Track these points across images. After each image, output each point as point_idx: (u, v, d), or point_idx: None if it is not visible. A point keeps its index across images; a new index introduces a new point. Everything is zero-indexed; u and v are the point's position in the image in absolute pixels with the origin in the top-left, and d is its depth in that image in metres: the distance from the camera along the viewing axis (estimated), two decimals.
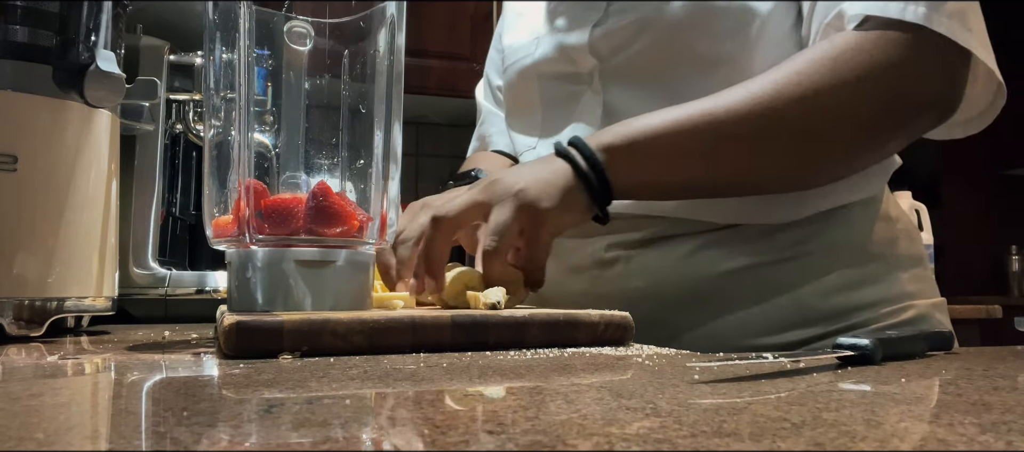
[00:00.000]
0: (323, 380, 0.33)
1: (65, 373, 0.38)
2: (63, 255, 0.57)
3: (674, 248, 0.69)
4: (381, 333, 0.45)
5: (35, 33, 0.57)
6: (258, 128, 0.60)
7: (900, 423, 0.24)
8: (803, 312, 0.65)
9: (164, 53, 0.86)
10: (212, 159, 0.56)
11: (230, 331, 0.42)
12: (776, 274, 0.66)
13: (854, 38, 0.58)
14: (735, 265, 0.67)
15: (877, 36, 0.58)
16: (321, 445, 0.21)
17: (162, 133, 0.86)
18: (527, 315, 0.48)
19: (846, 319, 0.65)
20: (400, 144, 0.58)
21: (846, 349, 0.40)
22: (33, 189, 0.55)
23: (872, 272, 0.66)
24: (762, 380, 0.33)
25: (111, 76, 0.57)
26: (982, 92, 0.64)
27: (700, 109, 0.59)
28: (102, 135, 0.61)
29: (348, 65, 0.60)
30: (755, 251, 0.66)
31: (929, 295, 0.69)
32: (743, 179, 0.62)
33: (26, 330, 0.55)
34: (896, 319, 0.65)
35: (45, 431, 0.23)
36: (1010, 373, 0.36)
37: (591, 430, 0.23)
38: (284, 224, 0.52)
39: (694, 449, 0.20)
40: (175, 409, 0.27)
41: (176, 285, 0.83)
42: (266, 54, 0.60)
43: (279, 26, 0.59)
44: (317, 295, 0.52)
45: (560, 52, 0.75)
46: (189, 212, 0.97)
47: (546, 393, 0.30)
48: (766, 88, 0.58)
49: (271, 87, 0.62)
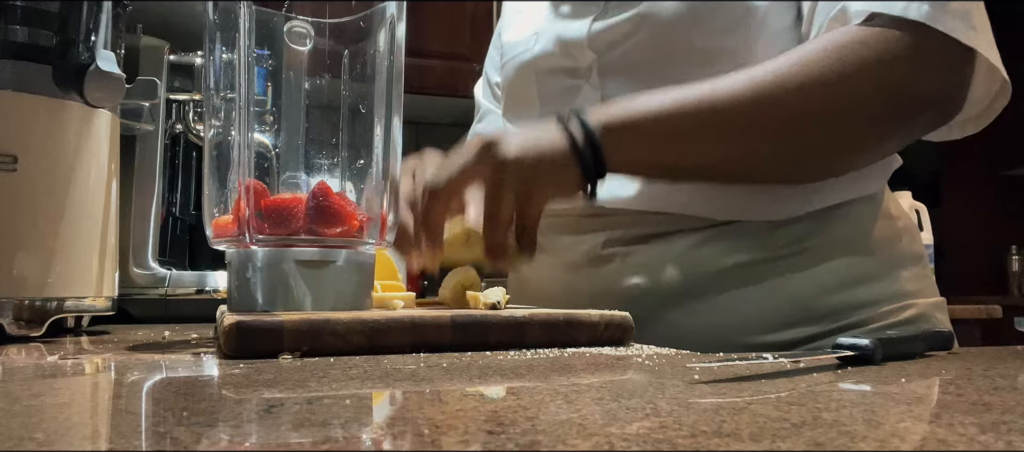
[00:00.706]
0: (323, 380, 0.33)
1: (65, 373, 0.38)
2: (63, 255, 0.57)
3: (671, 244, 0.69)
4: (381, 333, 0.45)
5: (35, 33, 0.57)
6: (258, 128, 0.60)
7: (900, 423, 0.24)
8: (802, 310, 0.65)
9: (164, 53, 0.86)
10: (212, 159, 0.56)
11: (230, 331, 0.42)
12: (775, 271, 0.66)
13: (858, 32, 0.58)
14: (733, 262, 0.66)
15: (880, 32, 0.58)
16: (321, 445, 0.21)
17: (162, 133, 0.86)
18: (527, 315, 0.48)
19: (845, 317, 0.65)
20: (400, 144, 0.58)
21: (846, 349, 0.40)
22: (33, 189, 0.55)
23: (873, 270, 0.66)
24: (762, 380, 0.33)
25: (111, 76, 0.57)
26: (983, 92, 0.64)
27: (700, 92, 0.59)
28: (102, 135, 0.61)
29: (348, 65, 0.60)
30: (753, 248, 0.66)
31: (929, 294, 0.69)
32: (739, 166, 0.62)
33: (26, 330, 0.55)
34: (896, 318, 0.65)
35: (45, 431, 0.23)
36: (1010, 373, 0.36)
37: (591, 430, 0.23)
38: (284, 224, 0.52)
39: (694, 449, 0.20)
40: (175, 409, 0.27)
41: (176, 285, 0.83)
42: (266, 54, 0.60)
43: (279, 26, 0.59)
44: (317, 295, 0.52)
45: (559, 46, 0.75)
46: (189, 212, 0.97)
47: (546, 393, 0.30)
48: (767, 76, 0.58)
49: (271, 87, 0.62)
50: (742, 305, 0.66)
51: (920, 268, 0.69)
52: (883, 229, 0.68)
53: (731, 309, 0.66)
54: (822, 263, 0.66)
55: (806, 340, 0.64)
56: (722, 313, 0.66)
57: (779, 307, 0.65)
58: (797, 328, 0.64)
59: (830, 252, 0.66)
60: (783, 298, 0.65)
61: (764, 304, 0.65)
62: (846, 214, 0.67)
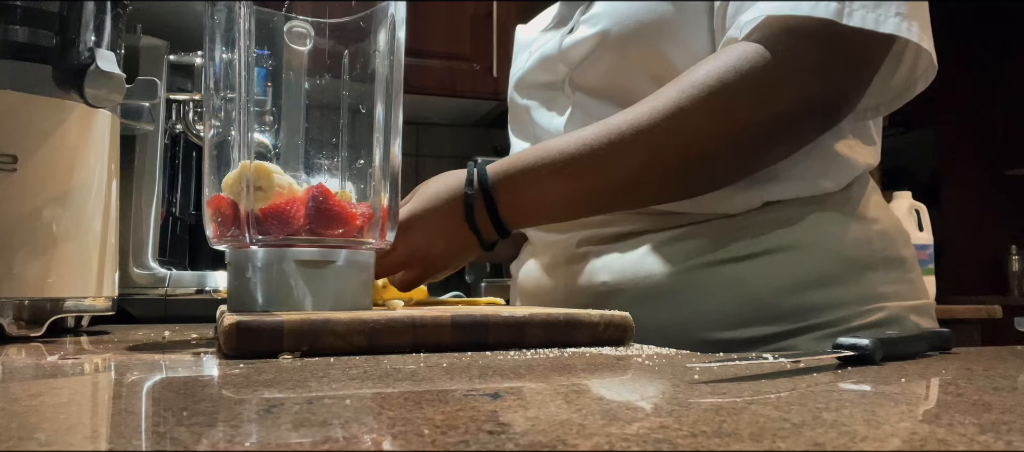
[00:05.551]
0: (323, 380, 0.33)
1: (65, 373, 0.38)
2: (63, 255, 0.57)
3: (639, 244, 0.71)
4: (381, 333, 0.45)
5: (35, 33, 0.57)
6: (258, 128, 0.60)
7: (900, 423, 0.24)
8: (761, 309, 0.65)
9: (164, 53, 0.86)
10: (212, 159, 0.56)
11: (230, 331, 0.42)
12: (735, 271, 0.66)
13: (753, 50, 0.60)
14: (694, 262, 0.68)
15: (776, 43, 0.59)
16: (321, 445, 0.21)
17: (162, 133, 0.86)
18: (527, 315, 0.48)
19: (807, 318, 0.65)
20: (400, 144, 0.58)
21: (846, 349, 0.40)
22: (33, 189, 0.55)
23: (839, 272, 0.66)
24: (762, 380, 0.33)
25: (111, 76, 0.57)
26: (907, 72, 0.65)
27: (578, 142, 0.64)
28: (102, 135, 0.61)
29: (348, 65, 0.60)
30: (716, 248, 0.67)
31: (907, 297, 0.68)
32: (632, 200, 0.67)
33: (26, 330, 0.55)
34: (864, 320, 0.65)
35: (45, 431, 0.23)
36: (1010, 373, 0.36)
37: (591, 430, 0.23)
38: (283, 226, 0.52)
39: (694, 449, 0.20)
40: (175, 409, 0.27)
41: (176, 285, 0.83)
42: (266, 54, 0.60)
43: (279, 26, 0.59)
44: (317, 295, 0.52)
45: (540, 63, 0.80)
46: (189, 212, 0.97)
47: (546, 393, 0.30)
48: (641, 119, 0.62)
49: (271, 87, 0.62)
50: (702, 303, 0.66)
51: (899, 271, 0.69)
52: (855, 232, 0.67)
53: (691, 307, 0.67)
54: (783, 264, 0.66)
55: (765, 339, 0.64)
56: (682, 311, 0.67)
57: (738, 306, 0.65)
58: (755, 327, 0.65)
59: (794, 254, 0.66)
60: (742, 297, 0.65)
61: (723, 302, 0.66)
62: (814, 217, 0.67)
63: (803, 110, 0.61)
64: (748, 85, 0.59)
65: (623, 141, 0.62)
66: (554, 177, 0.64)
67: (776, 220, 0.67)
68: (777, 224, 0.67)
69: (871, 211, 0.70)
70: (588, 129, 0.64)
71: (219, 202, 0.54)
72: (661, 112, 0.61)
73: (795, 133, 0.63)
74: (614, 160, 0.62)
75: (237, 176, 0.53)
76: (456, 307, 0.59)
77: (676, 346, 0.51)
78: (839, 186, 0.68)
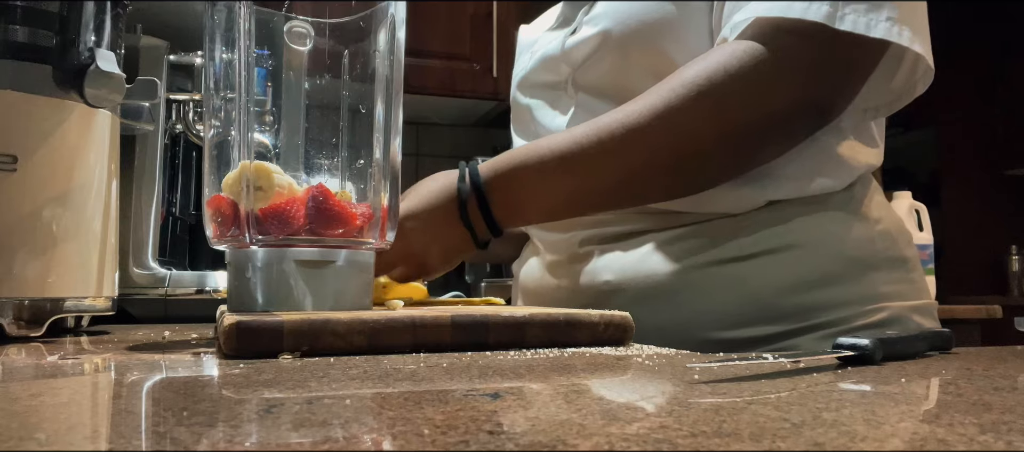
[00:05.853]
0: (323, 380, 0.34)
1: (65, 373, 0.38)
2: (63, 255, 0.57)
3: (641, 243, 0.71)
4: (381, 333, 0.45)
5: (35, 33, 0.57)
6: (258, 128, 0.60)
7: (900, 423, 0.24)
8: (762, 309, 0.65)
9: (164, 53, 0.86)
10: (212, 159, 0.56)
11: (230, 331, 0.42)
12: (737, 270, 0.66)
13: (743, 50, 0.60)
14: (696, 261, 0.67)
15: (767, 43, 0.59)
16: (321, 445, 0.21)
17: (162, 133, 0.86)
18: (527, 315, 0.48)
19: (809, 317, 0.65)
20: (400, 144, 0.58)
21: (846, 349, 0.40)
22: (33, 189, 0.55)
23: (841, 272, 0.66)
24: (762, 380, 0.33)
25: (111, 76, 0.57)
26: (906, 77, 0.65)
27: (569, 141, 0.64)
28: (102, 135, 0.61)
29: (348, 65, 0.60)
30: (718, 247, 0.67)
31: (909, 297, 0.68)
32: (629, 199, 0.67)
33: (26, 330, 0.55)
34: (866, 320, 0.65)
35: (45, 431, 0.23)
36: (1010, 373, 0.36)
37: (591, 430, 0.23)
38: (283, 226, 0.52)
39: (694, 449, 0.20)
40: (175, 409, 0.27)
41: (176, 285, 0.83)
42: (266, 54, 0.60)
43: (279, 26, 0.59)
44: (317, 295, 0.52)
45: (542, 63, 0.80)
46: (189, 212, 0.97)
47: (546, 393, 0.30)
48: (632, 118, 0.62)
49: (271, 87, 0.62)
50: (703, 302, 0.66)
51: (901, 272, 0.69)
52: (858, 231, 0.68)
53: (692, 306, 0.67)
54: (785, 264, 0.66)
55: (767, 339, 0.64)
56: (684, 310, 0.67)
57: (740, 305, 0.65)
58: (757, 326, 0.65)
59: (794, 253, 0.66)
60: (744, 297, 0.65)
61: (725, 302, 0.66)
62: (817, 217, 0.67)
63: (794, 109, 0.61)
64: (739, 85, 0.59)
65: (614, 140, 0.62)
66: (546, 175, 0.64)
67: (778, 219, 0.67)
68: (779, 223, 0.67)
69: (874, 211, 0.70)
70: (580, 128, 0.64)
71: (219, 202, 0.54)
72: (652, 111, 0.61)
73: (787, 132, 0.63)
74: (605, 159, 0.62)
75: (237, 176, 0.53)
76: (456, 307, 0.59)
77: (677, 345, 0.51)
78: (841, 186, 0.68)
